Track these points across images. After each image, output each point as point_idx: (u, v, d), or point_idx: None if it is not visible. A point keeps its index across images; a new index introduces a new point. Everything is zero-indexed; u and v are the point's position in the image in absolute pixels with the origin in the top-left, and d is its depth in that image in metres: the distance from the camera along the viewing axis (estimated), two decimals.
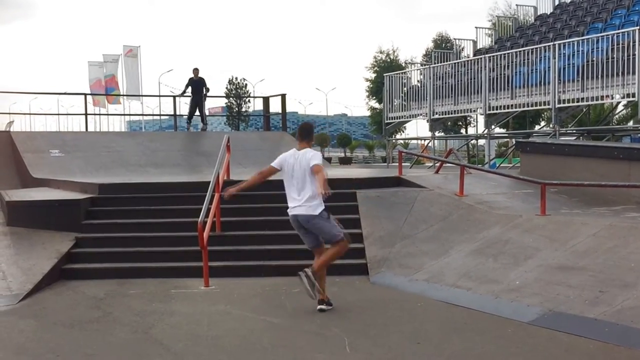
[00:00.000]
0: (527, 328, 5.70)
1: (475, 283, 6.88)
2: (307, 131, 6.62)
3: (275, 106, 20.71)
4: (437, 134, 23.85)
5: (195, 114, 18.40)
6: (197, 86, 18.09)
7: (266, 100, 20.03)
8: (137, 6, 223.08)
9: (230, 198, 6.83)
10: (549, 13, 24.11)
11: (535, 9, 25.42)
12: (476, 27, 25.58)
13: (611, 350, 5.03)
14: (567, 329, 5.52)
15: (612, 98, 16.53)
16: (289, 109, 19.83)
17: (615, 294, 5.82)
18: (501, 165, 21.92)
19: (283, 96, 18.79)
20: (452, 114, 20.45)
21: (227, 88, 68.19)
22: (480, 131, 22.53)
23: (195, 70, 18.20)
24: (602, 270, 6.33)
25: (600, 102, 17.30)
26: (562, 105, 16.00)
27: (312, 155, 6.35)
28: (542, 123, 32.19)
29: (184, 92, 18.20)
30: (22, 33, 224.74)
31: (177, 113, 18.85)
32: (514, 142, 23.03)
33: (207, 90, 18.34)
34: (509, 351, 5.14)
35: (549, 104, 16.39)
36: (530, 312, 5.97)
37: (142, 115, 45.81)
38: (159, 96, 64.28)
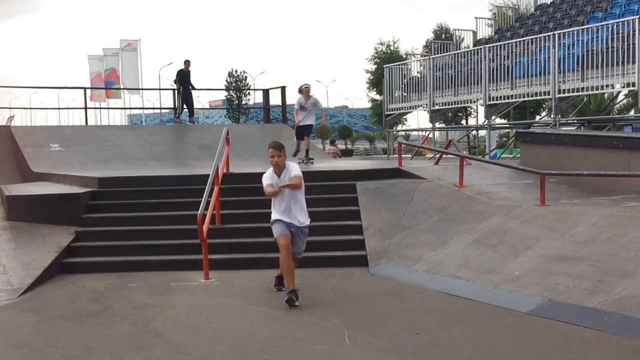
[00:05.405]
0: (526, 318, 5.71)
1: (475, 274, 6.89)
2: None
3: (275, 98, 20.70)
4: (437, 125, 23.82)
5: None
6: (185, 79, 17.99)
7: (266, 92, 20.00)
8: None
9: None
10: (549, 2, 24.02)
11: None
12: (476, 18, 25.45)
13: (610, 339, 5.04)
14: (566, 318, 5.53)
15: (613, 87, 16.49)
16: (289, 101, 19.79)
17: (615, 283, 5.82)
18: (502, 155, 21.90)
19: (283, 88, 18.77)
20: (452, 104, 20.41)
21: (227, 81, 68.08)
22: (480, 122, 22.53)
23: (186, 63, 18.00)
24: (602, 260, 6.34)
25: (600, 91, 17.24)
26: (562, 95, 15.96)
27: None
28: (543, 113, 32.15)
29: (175, 81, 18.16)
30: (25, 27, 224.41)
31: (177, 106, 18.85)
32: (515, 133, 23.01)
33: (191, 85, 18.24)
34: (508, 341, 5.15)
35: (549, 94, 16.35)
36: (530, 302, 5.98)
37: (143, 108, 45.93)
38: (159, 89, 64.05)
